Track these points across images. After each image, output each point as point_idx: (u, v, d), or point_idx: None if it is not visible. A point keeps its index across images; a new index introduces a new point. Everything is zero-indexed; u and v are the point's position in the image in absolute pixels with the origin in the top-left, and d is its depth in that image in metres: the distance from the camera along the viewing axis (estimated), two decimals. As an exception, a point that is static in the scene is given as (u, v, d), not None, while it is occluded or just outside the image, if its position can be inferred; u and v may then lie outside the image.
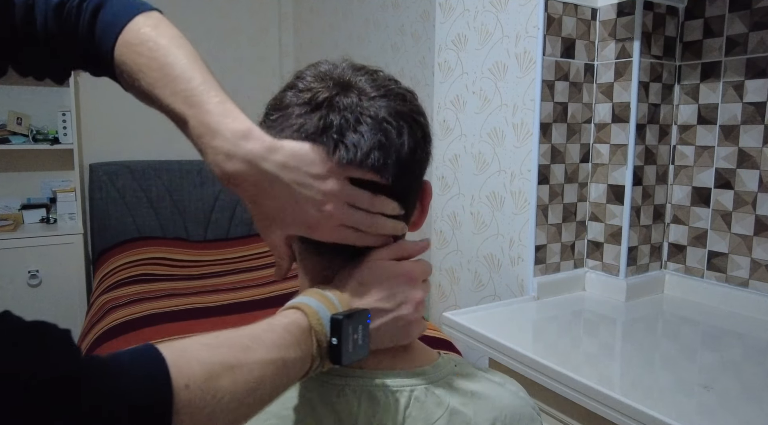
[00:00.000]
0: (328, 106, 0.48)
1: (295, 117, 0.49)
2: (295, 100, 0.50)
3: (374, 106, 0.49)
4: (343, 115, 0.48)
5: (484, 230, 1.48)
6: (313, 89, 0.50)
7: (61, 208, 2.82)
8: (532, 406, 0.58)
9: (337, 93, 0.49)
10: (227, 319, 1.87)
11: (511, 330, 1.15)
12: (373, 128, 0.48)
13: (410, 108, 0.52)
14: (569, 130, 1.34)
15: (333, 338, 0.46)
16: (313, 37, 3.19)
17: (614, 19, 1.30)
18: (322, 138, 0.47)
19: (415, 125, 0.51)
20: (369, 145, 0.47)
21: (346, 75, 0.51)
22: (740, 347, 1.07)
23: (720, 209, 1.27)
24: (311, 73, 0.52)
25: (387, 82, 0.52)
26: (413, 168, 0.52)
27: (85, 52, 0.57)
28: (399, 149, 0.49)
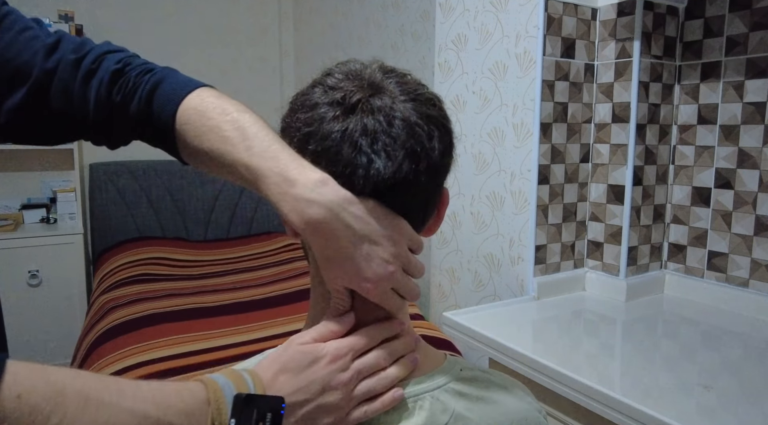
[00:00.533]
0: (362, 110, 0.48)
1: (330, 120, 0.48)
2: (325, 98, 0.49)
3: (405, 108, 0.49)
4: (376, 118, 0.48)
5: (485, 230, 1.48)
6: (343, 88, 0.49)
7: (61, 208, 2.81)
8: (538, 410, 0.58)
9: (370, 94, 0.49)
10: (227, 319, 1.87)
11: (511, 330, 1.15)
12: (406, 131, 0.48)
13: (440, 113, 0.51)
14: (569, 130, 1.34)
15: (232, 419, 0.41)
16: (313, 37, 3.19)
17: (614, 19, 1.30)
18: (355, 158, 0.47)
19: (444, 130, 0.51)
20: (398, 159, 0.47)
21: (376, 76, 0.51)
22: (740, 347, 1.07)
23: (720, 209, 1.27)
24: (340, 71, 0.51)
25: (417, 85, 0.52)
26: (441, 173, 0.52)
27: (139, 121, 0.62)
28: (429, 154, 0.49)
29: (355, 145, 0.47)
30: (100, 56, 0.62)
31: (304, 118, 0.50)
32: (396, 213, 0.50)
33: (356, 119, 0.48)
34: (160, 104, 0.60)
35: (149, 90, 0.61)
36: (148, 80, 0.61)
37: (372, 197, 0.49)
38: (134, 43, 3.00)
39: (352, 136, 0.47)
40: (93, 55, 0.62)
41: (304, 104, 0.50)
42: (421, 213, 0.53)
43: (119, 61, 0.62)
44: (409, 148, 0.48)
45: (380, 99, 0.49)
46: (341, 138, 0.47)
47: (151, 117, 0.61)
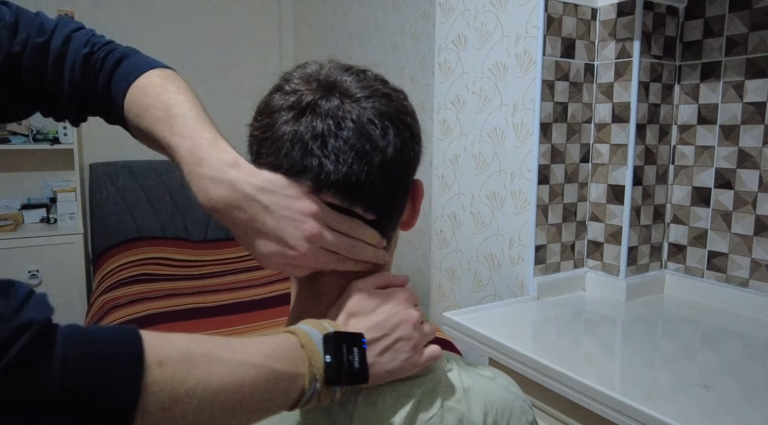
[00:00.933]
0: (311, 112, 0.48)
1: (281, 123, 0.49)
2: (282, 102, 0.50)
3: (358, 108, 0.49)
4: (325, 121, 0.48)
5: (484, 230, 1.48)
6: (298, 92, 0.50)
7: (61, 208, 2.82)
8: (523, 399, 0.58)
9: (321, 96, 0.49)
10: (227, 319, 1.87)
11: (511, 330, 1.15)
12: (356, 131, 0.48)
13: (396, 108, 0.51)
14: (569, 129, 1.34)
15: (327, 355, 0.45)
16: (313, 37, 3.19)
17: (614, 19, 1.30)
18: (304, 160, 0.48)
19: (402, 125, 0.51)
20: (348, 161, 0.47)
21: (332, 76, 0.51)
22: (740, 347, 1.07)
23: (720, 209, 1.27)
24: (298, 74, 0.52)
25: (373, 82, 0.51)
26: (400, 169, 0.51)
27: (101, 101, 0.63)
28: (383, 151, 0.49)
29: (305, 148, 0.48)
30: (66, 37, 0.63)
31: (260, 125, 0.51)
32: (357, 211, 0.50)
33: (306, 121, 0.48)
34: (116, 83, 0.61)
35: (110, 70, 0.62)
36: (111, 60, 0.63)
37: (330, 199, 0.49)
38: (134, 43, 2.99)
39: (302, 139, 0.48)
40: (59, 36, 0.63)
41: (263, 111, 0.51)
42: (386, 208, 0.52)
43: (86, 43, 0.63)
44: (359, 148, 0.48)
45: (330, 100, 0.49)
46: (291, 141, 0.48)
47: (110, 97, 0.63)
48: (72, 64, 0.62)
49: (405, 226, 0.57)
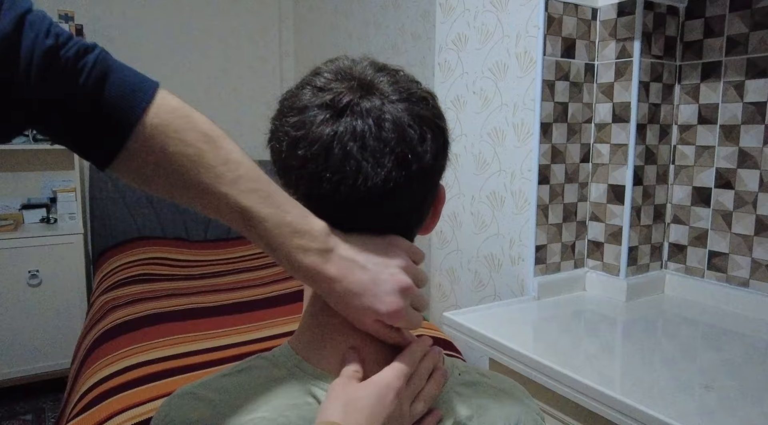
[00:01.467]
0: (351, 112, 0.47)
1: (319, 123, 0.47)
2: (315, 100, 0.48)
3: (396, 109, 0.47)
4: (366, 121, 0.46)
5: (485, 230, 1.48)
6: (333, 90, 0.48)
7: (61, 208, 2.81)
8: (536, 412, 0.58)
9: (360, 96, 0.47)
10: (227, 319, 1.87)
11: (511, 330, 1.15)
12: (397, 134, 0.47)
13: (433, 112, 0.50)
14: (569, 129, 1.34)
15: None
16: (313, 37, 3.19)
17: (614, 18, 1.30)
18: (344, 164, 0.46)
19: (438, 131, 0.50)
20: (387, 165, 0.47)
21: (367, 74, 0.49)
22: (740, 347, 1.07)
23: (720, 209, 1.27)
24: (329, 69, 0.50)
25: (409, 83, 0.50)
26: (434, 176, 0.51)
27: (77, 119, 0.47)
28: (421, 157, 0.48)
29: (344, 150, 0.46)
30: (20, 19, 0.45)
31: (293, 122, 0.48)
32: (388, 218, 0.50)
33: (346, 122, 0.46)
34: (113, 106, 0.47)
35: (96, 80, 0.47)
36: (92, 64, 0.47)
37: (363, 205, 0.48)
38: (134, 42, 3.01)
39: (341, 140, 0.46)
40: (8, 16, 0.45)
41: (293, 106, 0.49)
42: (415, 214, 0.52)
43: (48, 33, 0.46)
44: (400, 153, 0.47)
45: (370, 100, 0.47)
46: (331, 142, 0.46)
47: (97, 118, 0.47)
48: (29, 58, 0.45)
49: (423, 231, 0.56)
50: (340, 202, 0.48)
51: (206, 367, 1.47)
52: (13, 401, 2.55)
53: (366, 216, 0.49)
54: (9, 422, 2.38)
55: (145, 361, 1.50)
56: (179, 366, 1.47)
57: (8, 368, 2.53)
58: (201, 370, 1.45)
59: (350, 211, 0.49)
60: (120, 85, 0.48)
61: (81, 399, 1.40)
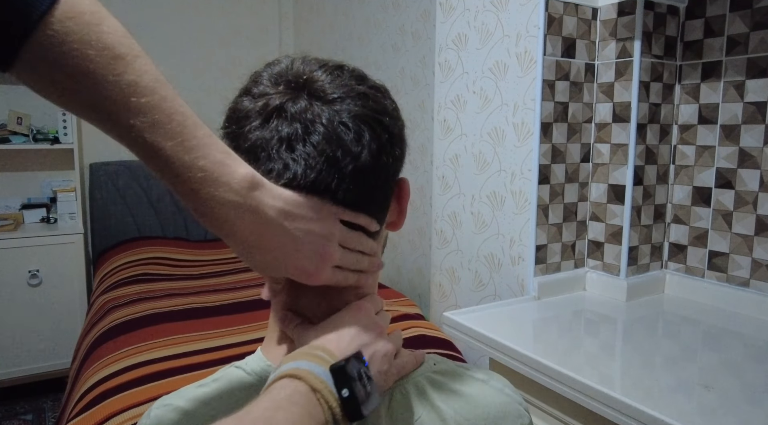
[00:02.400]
0: (278, 116, 0.46)
1: (248, 130, 0.47)
2: (251, 107, 0.48)
3: (329, 110, 0.46)
4: (292, 125, 0.45)
5: (485, 230, 1.48)
6: (266, 95, 0.47)
7: (61, 208, 2.82)
8: (518, 402, 0.57)
9: (288, 99, 0.47)
10: (227, 319, 1.87)
11: (511, 330, 1.15)
12: (326, 136, 0.45)
13: (373, 108, 0.48)
14: (570, 129, 1.34)
15: (343, 389, 0.42)
16: (313, 36, 3.19)
17: (615, 18, 1.30)
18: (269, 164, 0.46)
19: (379, 127, 0.48)
20: (317, 167, 0.45)
21: (302, 73, 0.48)
22: (741, 347, 1.07)
23: (721, 209, 1.27)
24: (267, 75, 0.49)
25: (349, 80, 0.49)
26: (377, 173, 0.49)
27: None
28: (357, 156, 0.46)
29: (270, 152, 0.45)
30: None
31: (229, 133, 0.48)
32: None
33: (272, 127, 0.46)
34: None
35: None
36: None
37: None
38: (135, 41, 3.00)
39: (267, 146, 0.45)
40: None
41: (230, 117, 0.49)
42: (365, 211, 0.51)
43: None
44: (330, 154, 0.45)
45: (296, 103, 0.46)
46: (258, 148, 0.46)
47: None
48: None
49: (391, 227, 0.56)
50: None
51: (206, 367, 1.47)
52: (13, 401, 2.55)
53: None
54: (9, 422, 2.38)
55: (145, 361, 1.50)
56: (179, 366, 1.47)
57: (8, 368, 2.53)
58: (201, 370, 1.45)
59: None
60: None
61: (81, 399, 1.40)
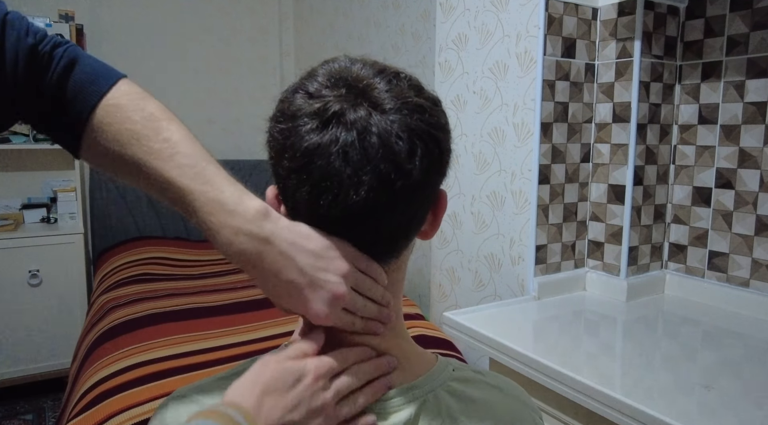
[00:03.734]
0: (336, 123, 0.45)
1: (305, 132, 0.45)
2: (306, 107, 0.46)
3: (385, 121, 0.45)
4: (350, 134, 0.44)
5: (485, 230, 1.48)
6: (323, 97, 0.46)
7: (61, 208, 2.81)
8: (532, 409, 0.57)
9: (348, 106, 0.45)
10: (227, 319, 1.87)
11: (511, 330, 1.15)
12: (381, 150, 0.44)
13: (429, 122, 0.47)
14: (570, 129, 1.34)
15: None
16: (313, 36, 3.19)
17: (615, 18, 1.30)
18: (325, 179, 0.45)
19: (432, 143, 0.47)
20: (370, 183, 0.44)
21: (362, 79, 0.47)
22: (741, 347, 1.07)
23: (721, 209, 1.27)
24: (324, 73, 0.48)
25: (406, 90, 0.48)
26: (424, 191, 0.49)
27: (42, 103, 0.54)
28: (408, 174, 0.45)
29: (326, 164, 0.44)
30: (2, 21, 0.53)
31: (282, 129, 0.47)
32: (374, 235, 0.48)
33: (331, 134, 0.44)
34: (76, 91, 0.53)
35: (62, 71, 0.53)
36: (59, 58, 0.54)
37: (344, 223, 0.47)
38: (134, 42, 3.01)
39: (324, 153, 0.44)
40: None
41: (284, 112, 0.48)
42: (403, 231, 0.50)
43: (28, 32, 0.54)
44: (383, 170, 0.44)
45: (356, 111, 0.45)
46: (313, 155, 0.45)
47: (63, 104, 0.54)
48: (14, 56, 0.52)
49: (423, 236, 0.54)
50: (322, 216, 0.47)
51: (206, 367, 1.47)
52: (14, 401, 2.55)
53: (349, 233, 0.49)
54: (9, 422, 2.38)
55: (145, 361, 1.50)
56: (179, 366, 1.47)
57: (8, 368, 2.53)
58: (201, 370, 1.45)
59: (332, 227, 0.48)
60: (84, 73, 0.53)
61: (81, 398, 1.40)
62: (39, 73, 0.53)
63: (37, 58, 0.53)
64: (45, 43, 0.54)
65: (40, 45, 0.54)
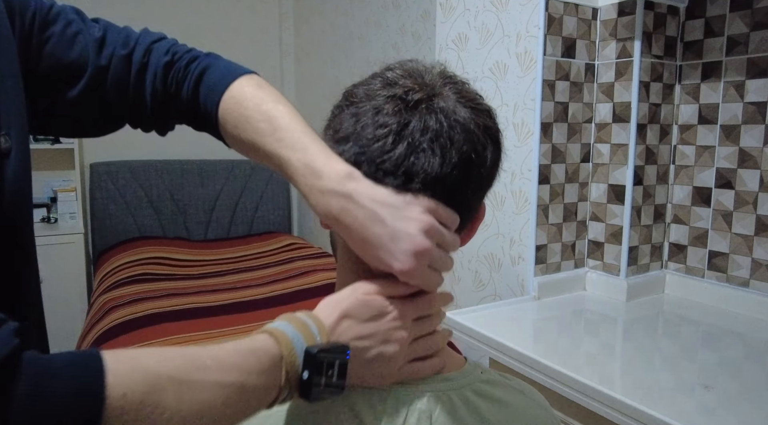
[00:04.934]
0: (425, 108, 0.48)
1: (390, 112, 0.48)
2: (385, 91, 0.49)
3: (466, 114, 0.49)
4: (438, 119, 0.48)
5: (485, 230, 1.48)
6: (404, 85, 0.49)
7: (61, 208, 2.82)
8: (553, 416, 0.58)
9: (432, 95, 0.49)
10: (227, 319, 1.87)
11: (511, 330, 1.15)
12: (464, 136, 0.48)
13: (494, 125, 0.52)
14: (570, 129, 1.34)
15: (305, 371, 0.43)
16: (313, 36, 3.19)
17: (615, 18, 1.30)
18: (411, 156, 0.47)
19: (498, 143, 0.52)
20: (453, 162, 0.48)
21: (436, 80, 0.50)
22: (741, 347, 1.07)
23: (721, 209, 1.27)
24: (401, 68, 0.51)
25: (475, 95, 0.52)
26: (488, 185, 0.52)
27: (188, 109, 0.66)
28: (483, 162, 0.50)
29: (414, 142, 0.47)
30: (148, 48, 0.65)
31: (363, 107, 0.49)
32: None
33: (419, 116, 0.48)
34: (205, 94, 0.63)
35: (195, 79, 0.64)
36: (195, 69, 0.65)
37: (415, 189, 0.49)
38: (135, 42, 3.01)
39: (413, 133, 0.47)
40: (141, 48, 0.65)
41: (362, 94, 0.50)
42: (463, 221, 0.52)
43: (167, 52, 0.65)
44: (465, 153, 0.48)
45: (443, 100, 0.49)
46: (401, 131, 0.48)
47: (198, 106, 0.64)
48: (153, 75, 0.65)
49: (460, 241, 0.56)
50: (396, 184, 0.49)
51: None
52: (14, 401, 2.55)
53: None
54: (9, 422, 2.38)
55: (146, 361, 1.49)
56: (179, 366, 1.47)
57: (8, 368, 2.53)
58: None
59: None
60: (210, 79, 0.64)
61: (81, 398, 1.40)
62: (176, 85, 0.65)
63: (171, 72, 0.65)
64: (182, 59, 0.66)
65: (177, 62, 0.65)
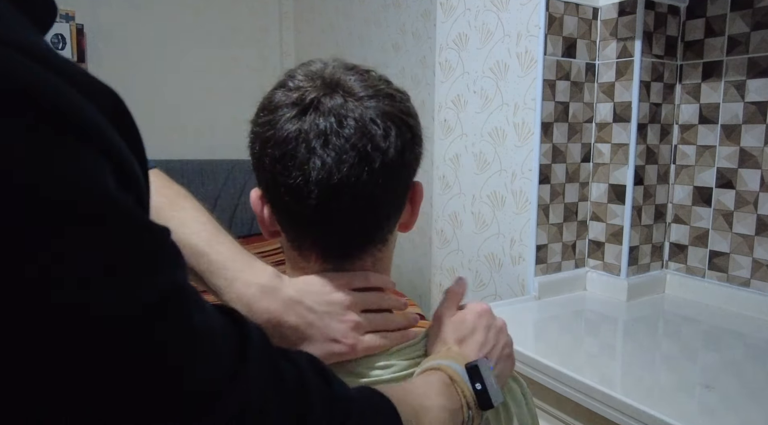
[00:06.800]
0: (314, 110, 0.48)
1: (285, 121, 0.49)
2: (285, 99, 0.50)
3: (360, 106, 0.49)
4: (327, 119, 0.48)
5: (485, 230, 1.48)
6: (301, 89, 0.50)
7: (61, 208, 2.81)
8: (515, 378, 0.63)
9: (324, 94, 0.49)
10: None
11: (511, 330, 1.14)
12: (358, 131, 0.48)
13: (399, 108, 0.51)
14: (570, 129, 1.34)
15: (476, 383, 0.50)
16: (313, 36, 3.19)
17: (615, 18, 1.30)
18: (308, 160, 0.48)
19: (404, 127, 0.51)
20: (349, 161, 0.48)
21: (336, 74, 0.51)
22: (741, 347, 1.07)
23: (721, 209, 1.27)
24: (302, 72, 0.52)
25: (377, 82, 0.52)
26: (400, 171, 0.52)
27: None
28: (385, 152, 0.49)
29: (308, 147, 0.48)
30: None
31: (263, 122, 0.50)
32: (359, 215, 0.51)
33: (310, 120, 0.48)
34: None
35: None
36: None
37: (330, 203, 0.49)
38: (134, 42, 3.01)
39: (306, 138, 0.48)
40: None
41: (265, 107, 0.51)
42: (385, 210, 0.53)
43: None
44: (361, 148, 0.48)
45: (333, 98, 0.49)
46: (295, 139, 0.48)
47: None
48: None
49: (403, 228, 0.57)
50: (311, 200, 0.49)
51: (207, 367, 1.47)
52: (14, 401, 2.55)
53: (338, 215, 0.50)
54: (9, 421, 2.38)
55: (146, 361, 1.49)
56: (180, 366, 1.47)
57: (9, 368, 2.53)
58: (201, 370, 1.45)
59: (322, 211, 0.50)
60: None
61: (81, 398, 1.40)
62: None
63: None
64: None
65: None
